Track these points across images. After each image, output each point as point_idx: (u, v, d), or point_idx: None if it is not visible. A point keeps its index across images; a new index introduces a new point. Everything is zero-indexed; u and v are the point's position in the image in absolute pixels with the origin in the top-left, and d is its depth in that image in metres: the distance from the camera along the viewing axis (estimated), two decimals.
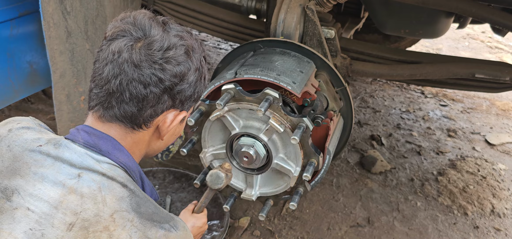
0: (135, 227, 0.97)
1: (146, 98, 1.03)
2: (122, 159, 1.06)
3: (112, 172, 1.01)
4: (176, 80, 1.05)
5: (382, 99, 4.13)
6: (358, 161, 3.21)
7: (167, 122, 1.10)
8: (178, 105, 1.09)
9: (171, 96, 1.06)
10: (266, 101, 1.75)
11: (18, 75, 2.66)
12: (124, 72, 1.01)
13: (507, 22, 2.28)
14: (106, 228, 0.95)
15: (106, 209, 0.96)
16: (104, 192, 0.98)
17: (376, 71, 2.45)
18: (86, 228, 0.94)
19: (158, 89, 1.03)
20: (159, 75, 1.02)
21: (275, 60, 1.99)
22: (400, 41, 4.02)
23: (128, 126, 1.07)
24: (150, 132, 1.11)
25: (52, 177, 0.98)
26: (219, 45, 4.99)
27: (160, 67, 1.02)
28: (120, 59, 1.01)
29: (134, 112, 1.04)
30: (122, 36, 1.03)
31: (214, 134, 1.98)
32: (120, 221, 0.96)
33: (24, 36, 2.62)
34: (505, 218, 2.80)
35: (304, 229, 2.58)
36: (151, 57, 1.02)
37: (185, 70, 1.05)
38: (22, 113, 3.34)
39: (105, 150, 1.04)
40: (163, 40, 1.03)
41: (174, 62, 1.04)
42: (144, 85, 1.02)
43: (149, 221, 0.99)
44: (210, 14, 2.77)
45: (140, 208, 1.00)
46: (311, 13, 2.17)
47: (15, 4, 2.51)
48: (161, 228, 1.00)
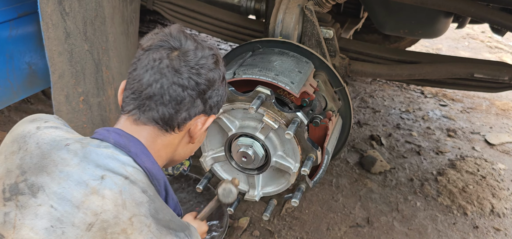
0: (151, 233, 0.99)
1: (183, 101, 1.12)
2: (148, 164, 1.10)
3: (135, 176, 1.05)
4: (209, 85, 1.15)
5: (381, 100, 4.13)
6: (358, 161, 3.21)
7: (198, 125, 1.19)
8: (208, 110, 1.19)
9: (203, 101, 1.16)
10: (258, 99, 1.75)
11: (17, 76, 2.66)
12: (165, 76, 1.10)
13: (506, 22, 2.28)
14: (124, 231, 0.98)
15: (125, 212, 0.99)
16: (124, 196, 1.01)
17: (375, 71, 2.45)
18: (104, 229, 0.97)
19: (194, 93, 1.13)
20: (196, 79, 1.12)
21: (274, 60, 2.00)
22: (400, 41, 4.02)
23: (162, 128, 1.14)
24: (181, 135, 1.18)
25: (76, 177, 1.02)
26: (218, 45, 4.99)
27: (196, 72, 1.12)
28: (162, 65, 1.10)
29: (172, 113, 1.12)
30: (161, 46, 1.13)
31: (212, 137, 1.98)
32: (137, 225, 0.99)
33: (23, 37, 2.62)
34: (504, 217, 2.80)
35: (303, 229, 2.58)
36: (189, 63, 1.12)
37: (216, 77, 1.17)
38: (21, 114, 3.34)
39: (134, 152, 1.09)
40: (196, 49, 1.14)
41: (207, 69, 1.14)
42: (182, 88, 1.11)
43: (165, 228, 1.02)
44: (209, 15, 2.77)
45: (158, 215, 1.03)
46: (309, 14, 2.17)
47: (14, 5, 2.51)
48: (177, 236, 1.03)
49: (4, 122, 3.25)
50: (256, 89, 1.79)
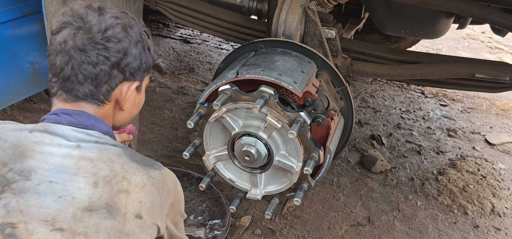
0: (141, 172, 1.16)
1: (98, 76, 1.17)
2: (104, 128, 1.21)
3: (103, 138, 1.18)
4: (121, 55, 1.18)
5: (382, 99, 4.14)
6: (359, 160, 3.23)
7: (123, 93, 1.24)
8: (129, 77, 1.23)
9: (120, 71, 1.20)
10: (261, 99, 1.76)
11: (20, 75, 2.67)
12: (73, 58, 1.15)
13: (507, 23, 2.29)
14: (124, 178, 1.13)
15: (115, 164, 1.14)
16: (105, 153, 1.14)
17: (377, 71, 2.46)
18: (108, 182, 1.11)
19: (107, 66, 1.17)
20: (104, 53, 1.16)
21: (276, 60, 2.01)
22: (401, 41, 4.03)
23: (92, 102, 1.21)
24: (111, 105, 1.24)
25: (58, 152, 1.12)
26: (221, 45, 5.00)
27: (103, 46, 1.15)
28: (67, 47, 1.15)
29: (92, 90, 1.19)
30: (65, 28, 1.16)
31: (215, 136, 1.99)
32: (130, 170, 1.15)
33: (26, 36, 2.63)
34: (505, 217, 2.81)
35: (305, 228, 2.59)
36: (93, 40, 1.15)
37: (126, 45, 1.19)
38: (24, 113, 3.35)
39: (89, 125, 1.19)
40: (100, 23, 1.16)
41: (114, 40, 1.17)
42: (93, 65, 1.16)
43: (146, 165, 1.19)
44: (211, 15, 2.78)
45: (135, 158, 1.19)
46: (312, 14, 2.19)
47: (17, 4, 2.52)
48: (155, 169, 1.20)
49: None
50: (260, 88, 1.80)
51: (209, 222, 2.42)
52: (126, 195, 1.13)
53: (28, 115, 3.32)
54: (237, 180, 2.09)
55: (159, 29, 5.15)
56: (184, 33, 5.18)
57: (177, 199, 1.31)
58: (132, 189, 1.14)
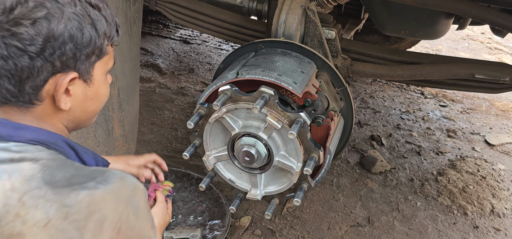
0: (48, 201, 0.85)
1: (15, 73, 0.89)
2: (29, 135, 0.93)
3: (21, 153, 0.90)
4: (40, 41, 0.88)
5: (382, 100, 4.14)
6: (358, 161, 3.23)
7: (59, 89, 0.94)
8: (62, 69, 0.93)
9: (46, 61, 0.90)
10: (261, 99, 1.77)
11: None
12: None
13: (506, 23, 2.30)
14: (17, 215, 0.84)
15: (14, 194, 0.85)
16: (13, 178, 0.87)
17: (377, 72, 2.46)
18: None
19: (24, 59, 0.88)
20: (14, 43, 0.87)
21: (276, 60, 2.01)
22: (400, 42, 4.04)
23: (18, 105, 0.94)
24: (47, 104, 0.96)
25: None
26: (220, 46, 5.00)
27: (10, 33, 0.86)
28: None
29: (13, 91, 0.91)
30: None
31: (215, 137, 1.99)
32: (30, 202, 0.85)
33: None
34: (504, 218, 2.82)
35: (304, 229, 2.59)
36: (1, 27, 0.87)
37: (45, 27, 0.88)
38: None
39: (5, 135, 0.92)
40: (6, 2, 0.87)
41: (26, 23, 0.87)
42: (4, 59, 0.87)
43: (66, 187, 0.86)
44: (211, 15, 2.78)
45: (54, 178, 0.88)
46: (312, 14, 2.19)
47: None
48: (83, 189, 0.87)
49: None
50: (260, 89, 1.80)
51: (209, 222, 2.42)
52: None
53: None
54: (237, 180, 2.10)
55: (159, 29, 5.15)
56: (184, 34, 5.19)
57: (128, 233, 0.91)
58: (27, 231, 0.84)
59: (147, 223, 0.97)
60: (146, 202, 0.99)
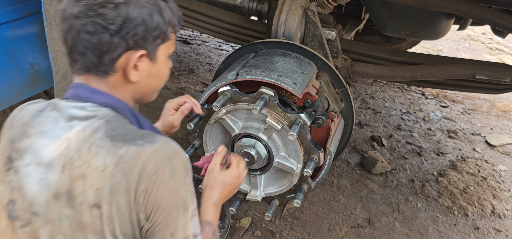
0: (107, 151, 1.05)
1: (98, 46, 1.09)
2: (102, 99, 1.14)
3: (94, 112, 1.11)
4: (119, 22, 1.08)
5: (382, 101, 4.14)
6: (359, 162, 3.22)
7: (129, 63, 1.13)
8: (134, 46, 1.12)
9: (122, 39, 1.10)
10: (261, 100, 1.76)
11: (20, 76, 2.67)
12: (72, 27, 1.09)
13: (507, 24, 2.29)
14: (85, 161, 1.05)
15: (85, 144, 1.06)
16: (85, 131, 1.08)
17: (377, 73, 2.45)
18: (71, 166, 1.06)
19: (106, 35, 1.08)
20: (99, 21, 1.07)
21: (277, 61, 2.01)
22: (401, 42, 4.03)
23: (97, 74, 1.13)
24: (119, 76, 1.15)
25: (51, 133, 1.10)
26: (221, 46, 5.00)
27: (96, 13, 1.07)
28: (66, 14, 1.09)
29: (94, 61, 1.11)
30: None
31: (215, 137, 1.99)
32: (94, 150, 1.05)
33: (26, 37, 2.63)
34: (505, 219, 2.81)
35: (305, 230, 2.59)
36: (88, 6, 1.07)
37: (125, 10, 1.08)
38: None
39: (84, 96, 1.13)
40: None
41: (110, 6, 1.07)
42: (90, 34, 1.08)
43: (121, 141, 1.06)
44: (211, 16, 2.77)
45: (114, 132, 1.08)
46: (312, 15, 2.18)
47: (17, 5, 2.52)
48: (134, 144, 1.06)
49: None
50: (260, 90, 1.79)
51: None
52: (83, 181, 1.05)
53: None
54: None
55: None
56: (184, 34, 5.18)
57: (161, 186, 1.06)
58: (90, 173, 1.05)
59: (183, 184, 1.10)
60: (185, 167, 1.12)
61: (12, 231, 1.11)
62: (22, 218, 1.10)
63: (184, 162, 1.12)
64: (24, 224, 1.10)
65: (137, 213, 1.06)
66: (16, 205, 1.10)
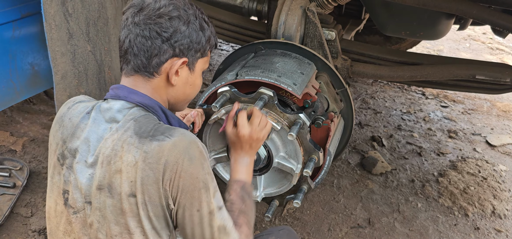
0: (136, 148, 1.22)
1: (150, 49, 1.29)
2: (137, 98, 1.31)
3: (128, 114, 1.29)
4: (170, 31, 1.29)
5: (383, 101, 4.13)
6: (359, 162, 3.22)
7: (172, 68, 1.33)
8: (179, 54, 1.32)
9: (171, 46, 1.30)
10: (260, 100, 1.75)
11: (20, 77, 2.67)
12: (131, 32, 1.30)
13: (508, 24, 2.28)
14: (120, 157, 1.23)
15: (119, 142, 1.24)
16: (119, 131, 1.26)
17: (377, 73, 2.45)
18: (109, 162, 1.24)
19: (158, 41, 1.29)
20: (155, 28, 1.28)
21: (276, 61, 2.00)
22: (401, 42, 4.02)
23: (144, 74, 1.33)
24: (162, 78, 1.34)
25: (94, 134, 1.29)
26: (220, 46, 5.00)
27: (154, 22, 1.28)
28: (128, 22, 1.31)
29: (144, 62, 1.31)
30: (129, 8, 1.33)
31: (214, 138, 1.98)
32: (126, 147, 1.23)
33: (26, 37, 2.63)
34: (506, 219, 2.80)
35: (304, 230, 2.58)
36: (148, 16, 1.29)
37: (176, 23, 1.30)
38: (24, 114, 3.35)
39: (122, 95, 1.32)
40: (155, 2, 1.31)
41: (166, 18, 1.29)
42: (146, 39, 1.29)
43: (146, 138, 1.23)
44: (211, 16, 2.77)
45: (141, 129, 1.25)
46: (312, 15, 2.18)
47: (17, 5, 2.52)
48: (156, 140, 1.23)
49: (6, 122, 3.26)
50: (259, 90, 1.79)
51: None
52: (119, 174, 1.23)
53: (27, 117, 3.32)
54: None
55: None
56: None
57: (182, 174, 1.23)
58: (124, 168, 1.23)
59: (201, 168, 1.26)
60: (201, 153, 1.27)
61: (66, 216, 1.32)
62: (74, 206, 1.29)
63: (200, 149, 1.27)
64: (76, 211, 1.30)
65: (166, 198, 1.24)
66: (69, 195, 1.30)
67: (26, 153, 2.98)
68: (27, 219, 2.49)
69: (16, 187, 2.67)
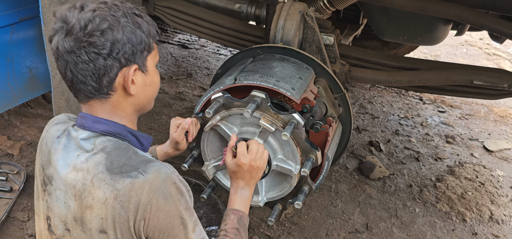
0: (107, 184, 1.19)
1: (96, 71, 1.20)
2: (101, 127, 1.26)
3: (96, 144, 1.24)
4: (108, 46, 1.18)
5: (380, 106, 4.14)
6: (357, 167, 3.22)
7: (127, 80, 1.24)
8: (126, 63, 1.23)
9: (115, 59, 1.20)
10: (253, 103, 1.75)
11: (17, 80, 2.67)
12: (68, 62, 1.19)
13: (504, 29, 2.30)
14: (89, 193, 1.20)
15: (88, 176, 1.21)
16: (88, 162, 1.22)
17: (375, 78, 2.46)
18: (80, 197, 1.22)
19: (100, 60, 1.18)
20: (91, 49, 1.17)
21: (275, 66, 2.00)
22: (399, 47, 4.04)
23: (99, 97, 1.25)
24: (120, 93, 1.27)
25: (63, 161, 1.26)
26: (219, 51, 5.00)
27: (87, 43, 1.17)
28: (59, 52, 1.19)
29: (95, 86, 1.22)
30: (55, 34, 1.20)
31: (212, 146, 1.98)
32: (96, 183, 1.20)
33: (24, 41, 2.63)
34: (503, 224, 2.81)
35: (302, 235, 2.58)
36: (77, 39, 1.17)
37: (110, 35, 1.18)
38: (21, 118, 3.34)
39: (86, 126, 1.27)
40: (79, 21, 1.17)
41: (97, 34, 1.17)
42: (86, 63, 1.18)
43: (118, 174, 1.19)
44: (209, 20, 2.78)
45: (112, 165, 1.20)
46: (310, 20, 2.18)
47: (15, 9, 2.52)
48: (128, 177, 1.18)
49: (4, 126, 3.25)
50: (251, 93, 1.79)
51: (206, 228, 2.41)
52: (90, 210, 1.21)
53: (25, 121, 3.31)
54: None
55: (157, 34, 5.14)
56: (182, 39, 5.18)
57: (157, 213, 1.20)
58: (94, 204, 1.20)
59: (178, 205, 1.22)
60: (177, 189, 1.23)
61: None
62: (56, 233, 1.30)
63: (177, 184, 1.23)
64: (58, 238, 1.30)
65: (139, 237, 1.21)
66: (51, 221, 1.30)
67: (23, 156, 2.97)
68: (24, 223, 2.48)
69: (13, 191, 2.66)
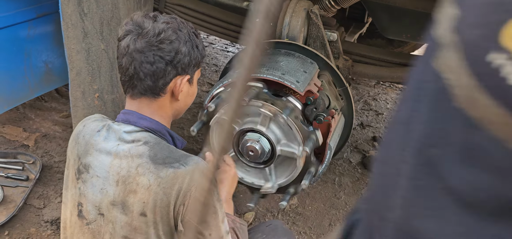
0: (151, 172, 1.33)
1: (155, 73, 1.37)
2: (146, 124, 1.41)
3: (138, 136, 1.38)
4: (173, 54, 1.37)
5: (384, 102, 4.21)
6: (360, 161, 3.30)
7: (177, 86, 1.42)
8: (181, 72, 1.41)
9: (174, 67, 1.39)
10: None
11: (34, 74, 2.78)
12: (135, 59, 1.36)
13: None
14: (134, 179, 1.34)
15: (133, 164, 1.34)
16: (132, 152, 1.36)
17: (377, 73, 2.54)
18: (124, 182, 1.35)
19: (162, 64, 1.36)
20: (159, 53, 1.36)
21: (280, 60, 2.10)
22: (403, 45, 4.11)
23: (150, 96, 1.42)
24: (167, 96, 1.44)
25: (105, 150, 1.39)
26: (227, 48, 5.10)
27: (157, 48, 1.35)
28: (129, 50, 1.36)
29: (150, 85, 1.38)
30: (127, 35, 1.38)
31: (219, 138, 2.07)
32: (141, 171, 1.34)
33: (40, 36, 2.74)
34: None
35: (306, 225, 2.67)
36: (149, 43, 1.35)
37: (177, 45, 1.38)
38: (36, 111, 3.46)
39: (132, 121, 1.41)
40: (154, 28, 1.36)
41: (167, 42, 1.36)
42: (150, 64, 1.36)
43: (161, 165, 1.34)
44: (218, 17, 2.87)
45: (156, 156, 1.35)
46: (315, 17, 2.28)
47: (33, 6, 2.63)
48: (171, 167, 1.33)
49: (19, 118, 3.37)
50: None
51: None
52: (134, 195, 1.34)
53: (39, 114, 3.43)
54: (250, 178, 2.16)
55: None
56: None
57: (193, 200, 1.35)
58: (138, 189, 1.33)
59: (212, 195, 1.36)
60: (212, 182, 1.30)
61: (80, 227, 1.42)
62: (87, 217, 1.40)
63: None
64: (89, 222, 1.40)
65: (175, 220, 1.35)
66: (82, 207, 1.41)
67: (38, 147, 3.09)
68: (40, 210, 2.60)
69: (29, 179, 2.78)
